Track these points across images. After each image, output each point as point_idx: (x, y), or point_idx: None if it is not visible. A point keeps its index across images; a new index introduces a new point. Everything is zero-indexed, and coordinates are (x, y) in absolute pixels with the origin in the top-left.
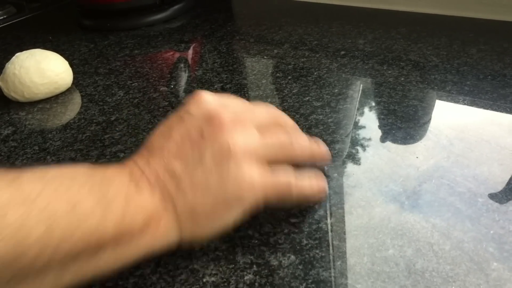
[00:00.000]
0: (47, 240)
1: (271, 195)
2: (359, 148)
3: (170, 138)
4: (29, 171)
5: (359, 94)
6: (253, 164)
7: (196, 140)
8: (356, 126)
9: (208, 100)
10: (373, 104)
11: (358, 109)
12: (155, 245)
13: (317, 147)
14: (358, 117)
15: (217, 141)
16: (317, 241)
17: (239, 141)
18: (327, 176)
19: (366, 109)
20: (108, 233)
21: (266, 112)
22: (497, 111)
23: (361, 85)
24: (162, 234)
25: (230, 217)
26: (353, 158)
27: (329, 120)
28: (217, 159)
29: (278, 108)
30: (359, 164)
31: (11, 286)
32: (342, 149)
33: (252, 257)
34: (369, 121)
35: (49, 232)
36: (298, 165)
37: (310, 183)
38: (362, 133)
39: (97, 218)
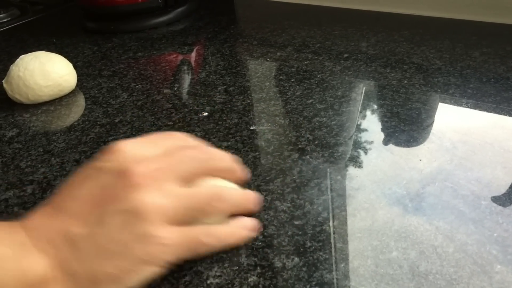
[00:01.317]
0: None
1: (184, 252)
2: (362, 150)
3: (73, 197)
4: None
5: (362, 97)
6: (163, 224)
7: (101, 199)
8: (359, 128)
9: (123, 151)
10: (376, 106)
11: (361, 111)
12: None
13: (246, 197)
14: (361, 120)
15: (125, 200)
16: (320, 243)
17: (149, 200)
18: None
19: (369, 112)
20: None
21: (194, 157)
22: (500, 114)
23: (364, 88)
24: None
25: (137, 279)
26: (356, 160)
27: (332, 122)
28: (124, 220)
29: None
30: (362, 167)
31: None
32: (345, 151)
33: (256, 259)
34: (372, 124)
35: None
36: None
37: (229, 230)
38: (365, 136)
39: None
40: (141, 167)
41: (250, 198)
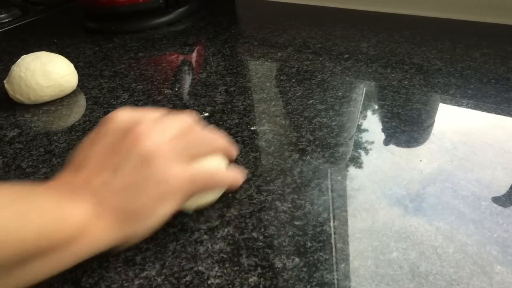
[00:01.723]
0: None
1: (197, 185)
2: (362, 151)
3: (93, 152)
4: None
5: (363, 97)
6: (174, 162)
7: (113, 152)
8: (360, 129)
9: (122, 116)
10: (377, 107)
11: (361, 112)
12: (91, 249)
13: (224, 141)
14: (361, 120)
15: (137, 147)
16: (321, 244)
17: (155, 144)
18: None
19: (369, 112)
20: (28, 244)
21: (178, 119)
22: (501, 114)
23: (365, 88)
24: (98, 238)
25: (164, 211)
26: (357, 161)
27: (333, 123)
28: (141, 163)
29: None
30: (363, 167)
31: None
32: (345, 152)
33: (256, 259)
34: (373, 124)
35: None
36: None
37: (229, 171)
38: (365, 136)
39: (14, 229)
40: (142, 125)
41: (231, 144)
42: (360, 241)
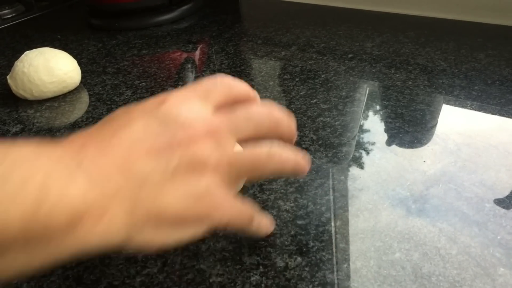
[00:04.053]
0: None
1: (232, 222)
2: (365, 151)
3: (138, 126)
4: None
5: (366, 97)
6: (225, 183)
7: (167, 140)
8: (363, 129)
9: (183, 120)
10: (381, 107)
11: (365, 112)
12: (93, 243)
13: (298, 158)
14: (365, 121)
15: (190, 151)
16: (323, 244)
17: (213, 156)
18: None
19: (373, 113)
20: (12, 229)
21: (262, 114)
22: (505, 116)
23: (368, 88)
24: (104, 232)
25: (193, 231)
26: (360, 161)
27: (336, 122)
28: (190, 170)
29: (285, 109)
30: (366, 167)
31: None
32: (348, 152)
33: (258, 258)
34: (376, 125)
35: None
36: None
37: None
38: (369, 137)
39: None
40: (204, 121)
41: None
42: (362, 241)
